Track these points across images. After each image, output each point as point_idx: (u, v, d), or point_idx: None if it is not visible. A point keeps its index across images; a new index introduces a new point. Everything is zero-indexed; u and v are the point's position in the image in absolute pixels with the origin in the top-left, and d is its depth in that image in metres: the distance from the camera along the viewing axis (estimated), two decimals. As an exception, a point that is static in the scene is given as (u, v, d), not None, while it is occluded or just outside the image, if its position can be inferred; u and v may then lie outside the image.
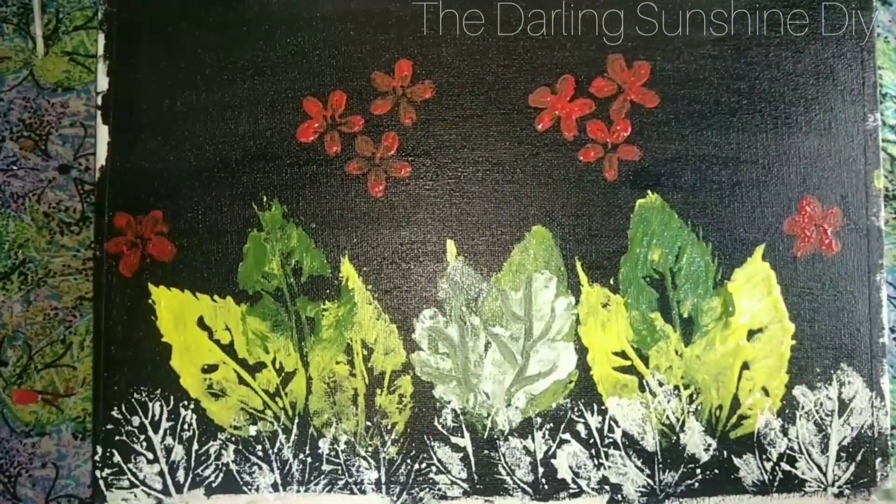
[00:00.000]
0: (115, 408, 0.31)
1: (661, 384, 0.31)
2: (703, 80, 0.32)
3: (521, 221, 0.31)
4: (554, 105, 0.31)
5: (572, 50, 0.32)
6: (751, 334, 0.31)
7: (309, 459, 0.31)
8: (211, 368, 0.31)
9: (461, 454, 0.31)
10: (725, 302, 0.31)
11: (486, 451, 0.31)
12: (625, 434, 0.31)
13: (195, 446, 0.31)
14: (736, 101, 0.32)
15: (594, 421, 0.31)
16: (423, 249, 0.31)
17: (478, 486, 0.31)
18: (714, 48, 0.32)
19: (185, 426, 0.31)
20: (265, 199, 0.32)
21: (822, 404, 0.31)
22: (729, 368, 0.31)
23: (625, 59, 0.32)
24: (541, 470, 0.31)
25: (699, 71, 0.32)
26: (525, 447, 0.31)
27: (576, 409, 0.31)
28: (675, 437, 0.31)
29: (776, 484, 0.31)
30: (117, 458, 0.31)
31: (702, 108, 0.31)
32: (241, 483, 0.31)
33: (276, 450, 0.31)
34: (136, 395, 0.31)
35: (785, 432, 0.31)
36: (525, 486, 0.31)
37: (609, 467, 0.31)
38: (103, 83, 0.32)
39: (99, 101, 0.32)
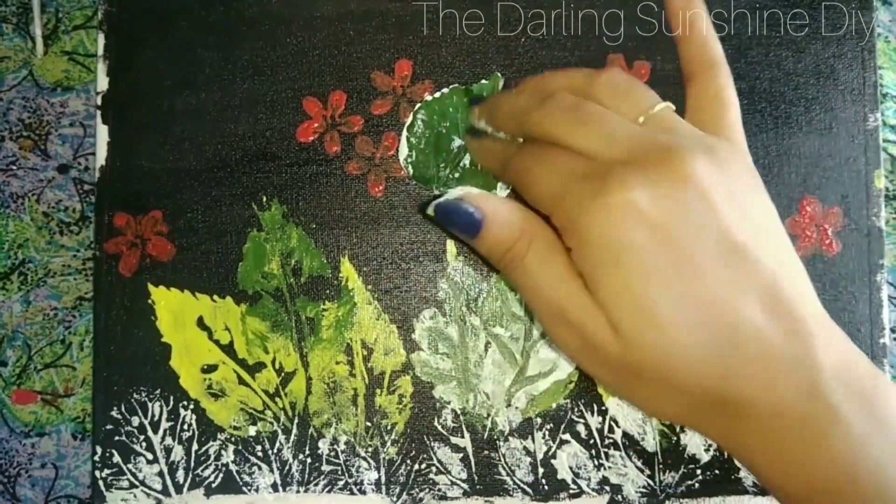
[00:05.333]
0: (115, 408, 0.31)
1: (661, 384, 0.31)
2: (703, 79, 0.31)
3: (522, 221, 0.31)
4: (554, 105, 0.31)
5: (572, 50, 0.32)
6: (751, 334, 0.31)
7: (309, 460, 0.31)
8: (210, 369, 0.31)
9: (461, 455, 0.31)
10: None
11: (486, 452, 0.31)
12: (625, 434, 0.31)
13: (195, 447, 0.31)
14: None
15: (594, 421, 0.31)
16: (423, 249, 0.31)
17: (478, 487, 0.31)
18: (714, 48, 0.32)
19: (185, 426, 0.31)
20: (265, 199, 0.31)
21: None
22: (729, 369, 0.31)
23: (625, 59, 0.31)
24: (541, 470, 0.31)
25: (699, 71, 0.31)
26: (525, 448, 0.31)
27: (576, 409, 0.31)
28: (675, 438, 0.31)
29: (776, 484, 0.31)
30: (117, 458, 0.31)
31: (702, 108, 0.31)
32: (241, 483, 0.31)
33: (275, 450, 0.31)
34: (135, 396, 0.31)
35: (785, 433, 0.31)
36: (525, 487, 0.31)
37: (609, 468, 0.31)
38: (103, 83, 0.32)
39: (99, 101, 0.32)
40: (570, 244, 0.21)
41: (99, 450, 0.31)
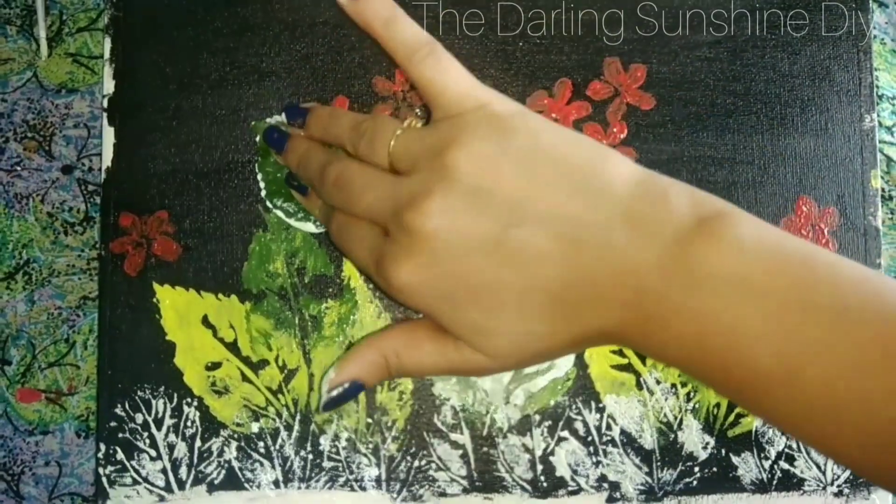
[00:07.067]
0: (119, 405, 0.31)
1: (658, 382, 0.32)
2: (699, 82, 0.32)
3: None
4: (551, 108, 0.32)
5: (569, 53, 0.32)
6: (747, 333, 0.31)
7: (310, 456, 0.31)
8: (214, 366, 0.32)
9: (461, 451, 0.31)
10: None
11: (485, 449, 0.31)
12: (623, 432, 0.31)
13: (198, 443, 0.31)
14: (732, 102, 0.32)
15: (592, 419, 0.31)
16: (424, 249, 0.32)
17: (477, 484, 0.31)
18: (710, 50, 0.32)
19: (189, 423, 0.31)
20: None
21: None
22: (726, 367, 0.31)
23: (621, 62, 0.32)
24: (539, 467, 0.31)
25: (695, 73, 0.32)
26: (524, 445, 0.31)
27: (574, 406, 0.31)
28: (673, 435, 0.31)
29: (775, 482, 0.31)
30: (120, 455, 0.31)
31: (698, 110, 0.32)
32: (244, 480, 0.31)
33: (277, 446, 0.31)
34: (139, 393, 0.31)
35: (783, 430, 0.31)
36: (524, 484, 0.31)
37: (607, 465, 0.31)
38: (110, 86, 0.32)
39: (105, 104, 0.32)
40: None
41: (103, 447, 0.31)
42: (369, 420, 0.32)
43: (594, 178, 0.22)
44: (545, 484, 0.31)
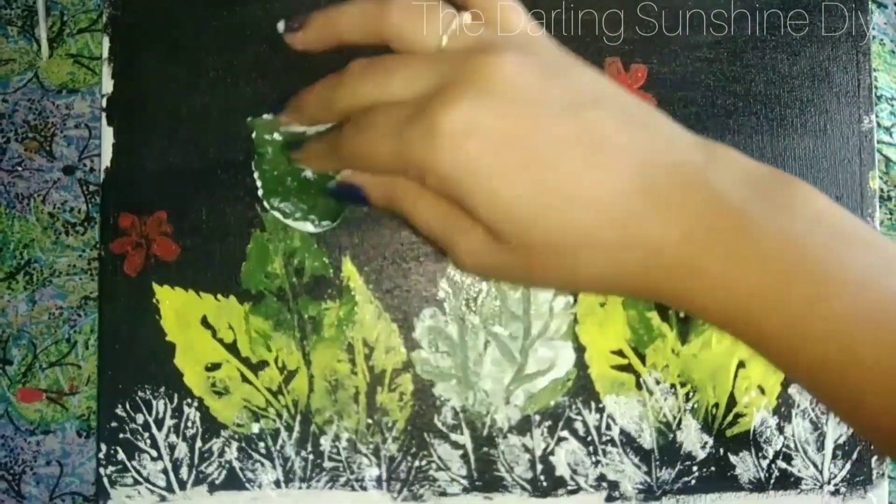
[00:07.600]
0: (120, 405, 0.31)
1: (657, 382, 0.32)
2: (699, 82, 0.32)
3: (520, 222, 0.31)
4: (552, 107, 0.32)
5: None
6: (747, 333, 0.32)
7: (311, 457, 0.32)
8: (214, 367, 0.32)
9: (461, 451, 0.32)
10: (722, 301, 0.31)
11: (485, 449, 0.32)
12: (622, 431, 0.32)
13: (198, 444, 0.31)
14: (732, 103, 0.32)
15: (592, 419, 0.32)
16: (424, 249, 0.32)
17: (477, 483, 0.31)
18: (710, 51, 0.32)
19: (189, 424, 0.32)
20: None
21: (817, 402, 0.31)
22: (725, 367, 0.32)
23: (622, 63, 0.32)
24: (539, 467, 0.31)
25: (695, 74, 0.32)
26: (524, 445, 0.32)
27: (574, 406, 0.32)
28: (671, 435, 0.32)
29: (772, 482, 0.31)
30: (121, 455, 0.31)
31: (698, 111, 0.32)
32: (244, 480, 0.31)
33: (278, 447, 0.32)
34: (140, 393, 0.32)
35: (781, 430, 0.31)
36: (524, 483, 0.31)
37: (607, 464, 0.31)
38: (108, 86, 0.32)
39: (104, 104, 0.32)
40: (431, 185, 0.20)
41: (104, 447, 0.31)
42: (370, 420, 0.32)
43: (657, 114, 0.21)
44: (545, 483, 0.31)
